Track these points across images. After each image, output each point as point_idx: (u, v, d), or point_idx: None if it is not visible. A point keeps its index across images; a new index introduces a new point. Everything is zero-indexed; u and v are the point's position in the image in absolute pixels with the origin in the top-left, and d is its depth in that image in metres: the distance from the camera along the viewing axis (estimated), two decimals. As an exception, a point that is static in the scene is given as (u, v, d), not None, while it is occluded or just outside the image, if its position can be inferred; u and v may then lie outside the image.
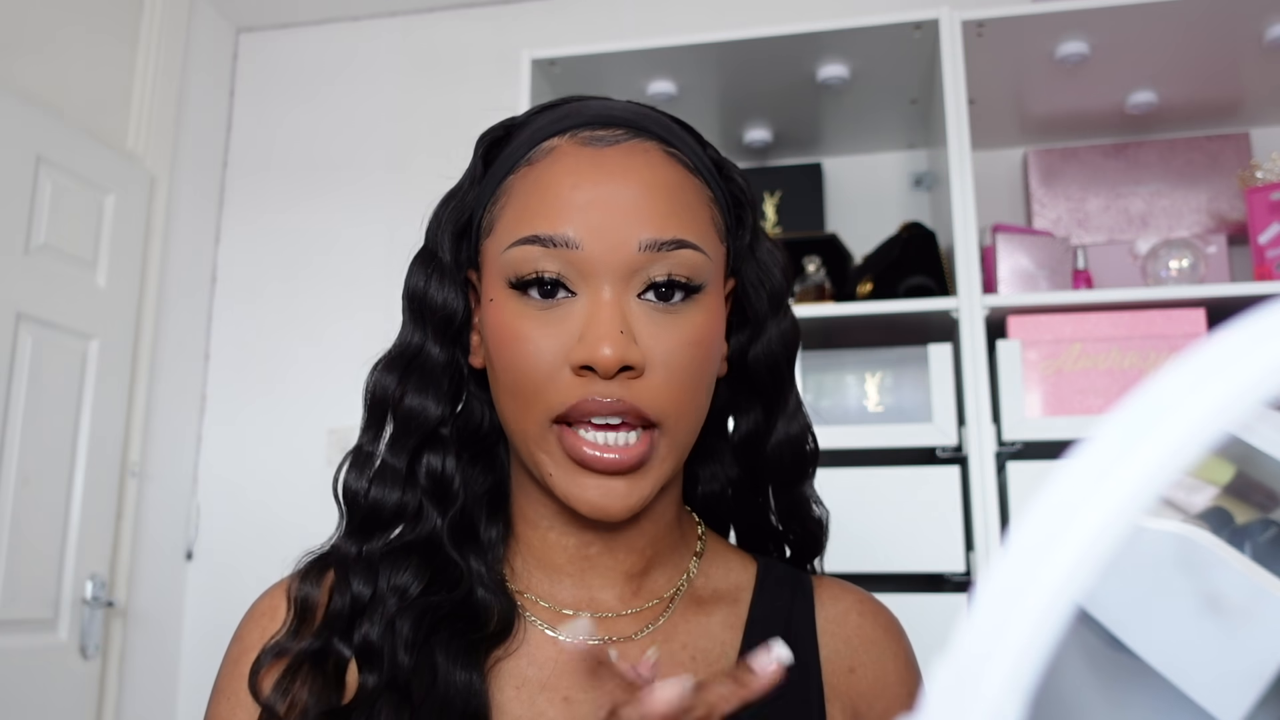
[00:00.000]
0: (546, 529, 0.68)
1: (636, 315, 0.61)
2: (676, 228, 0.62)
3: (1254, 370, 0.20)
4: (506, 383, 0.63)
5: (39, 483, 2.18)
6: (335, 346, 2.61)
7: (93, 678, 2.30)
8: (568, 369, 0.60)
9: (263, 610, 0.69)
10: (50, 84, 2.34)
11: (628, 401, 0.60)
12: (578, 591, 0.68)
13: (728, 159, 0.71)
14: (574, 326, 0.61)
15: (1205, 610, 0.27)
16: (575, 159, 0.63)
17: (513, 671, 0.65)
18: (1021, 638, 0.20)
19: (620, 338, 0.59)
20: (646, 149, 0.64)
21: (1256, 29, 1.81)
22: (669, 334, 0.61)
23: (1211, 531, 0.29)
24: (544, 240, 0.61)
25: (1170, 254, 1.82)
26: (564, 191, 0.62)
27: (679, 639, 0.67)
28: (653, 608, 0.68)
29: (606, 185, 0.62)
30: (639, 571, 0.69)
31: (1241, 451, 0.28)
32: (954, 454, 1.68)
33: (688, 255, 0.62)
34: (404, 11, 2.79)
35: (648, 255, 0.61)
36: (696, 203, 0.65)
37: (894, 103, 2.10)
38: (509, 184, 0.66)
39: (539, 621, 0.67)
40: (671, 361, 0.61)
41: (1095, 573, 0.20)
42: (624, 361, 0.59)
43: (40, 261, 2.24)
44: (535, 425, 0.62)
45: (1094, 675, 0.29)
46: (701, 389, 0.64)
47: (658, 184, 0.63)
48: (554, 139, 0.65)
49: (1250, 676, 0.27)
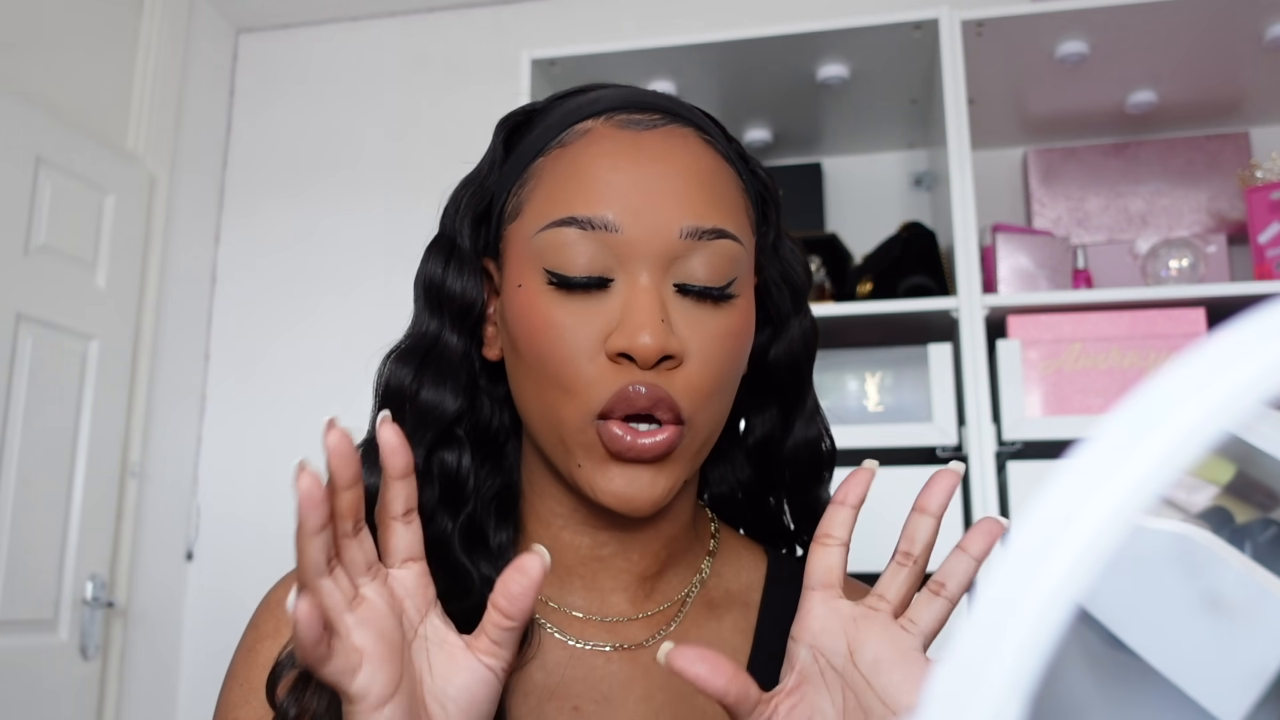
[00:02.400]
0: (560, 529, 0.66)
1: (674, 305, 0.59)
2: (717, 216, 0.60)
3: (1254, 369, 0.20)
4: (539, 373, 0.60)
5: (39, 483, 2.18)
6: (335, 346, 2.61)
7: (93, 678, 2.30)
8: (604, 358, 0.58)
9: (279, 599, 0.67)
10: (50, 84, 2.35)
11: (664, 391, 0.58)
12: (588, 595, 0.66)
13: (753, 155, 0.69)
14: (611, 314, 0.58)
15: (1206, 610, 0.27)
16: (614, 140, 0.61)
17: (521, 678, 0.63)
18: (1021, 638, 0.20)
19: (661, 326, 0.57)
20: (685, 134, 0.62)
21: (1256, 28, 1.81)
22: (705, 326, 0.59)
23: (1212, 531, 0.29)
24: (581, 222, 0.58)
25: (1170, 253, 1.82)
26: (602, 173, 0.59)
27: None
28: (664, 612, 0.66)
29: (647, 168, 0.60)
30: (652, 574, 0.67)
31: (1242, 451, 0.28)
32: (954, 454, 1.68)
33: (727, 245, 0.60)
34: (404, 11, 2.79)
35: (688, 243, 0.59)
36: (733, 192, 0.63)
37: (894, 102, 2.10)
38: (539, 166, 0.63)
39: (549, 625, 0.65)
40: (707, 355, 0.59)
41: (1095, 572, 0.20)
42: (665, 350, 0.57)
43: (40, 262, 2.24)
44: (578, 418, 0.59)
45: (1094, 675, 0.28)
46: (731, 385, 0.62)
47: (699, 170, 0.61)
48: (588, 121, 0.63)
49: (1251, 676, 0.27)
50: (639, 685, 0.63)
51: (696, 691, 0.63)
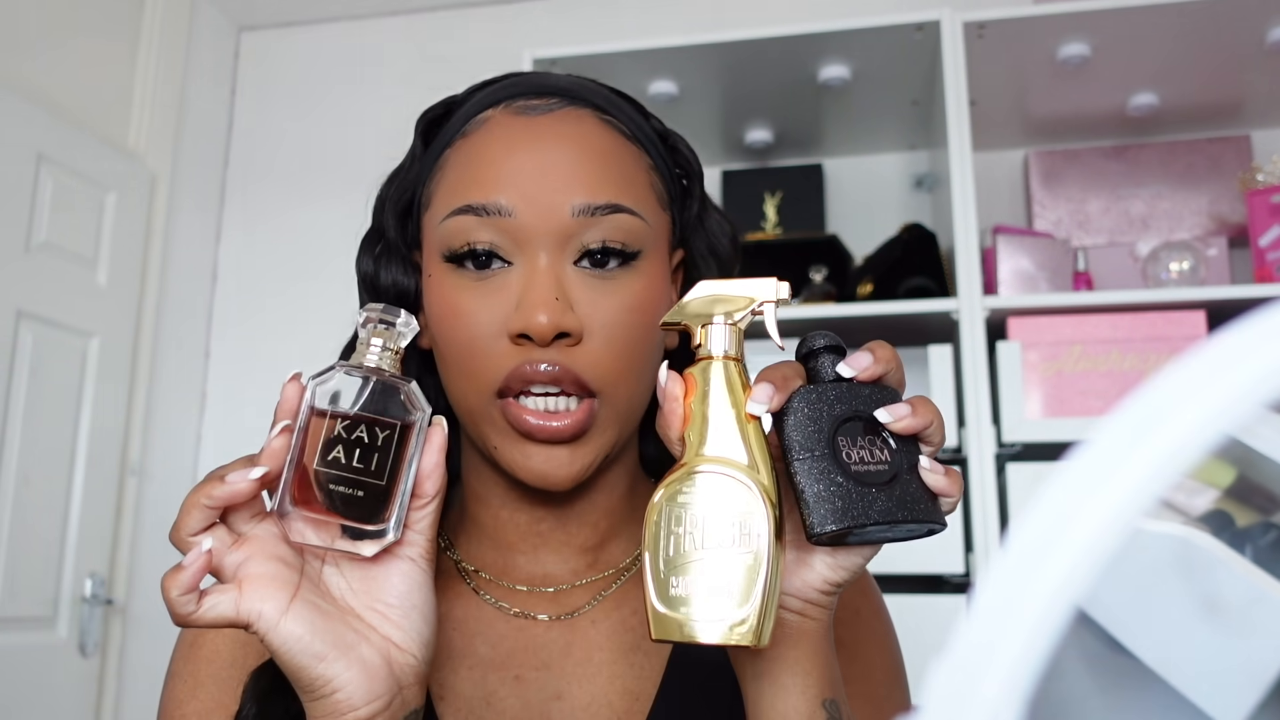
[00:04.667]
0: (499, 507, 0.67)
1: (574, 282, 0.60)
2: (611, 192, 0.61)
3: (1255, 372, 0.20)
4: (449, 357, 0.62)
5: (39, 481, 2.18)
6: (335, 345, 2.60)
7: (92, 676, 2.30)
8: (506, 339, 0.59)
9: None
10: (51, 82, 2.35)
11: (565, 367, 0.59)
12: (531, 568, 0.67)
13: (672, 130, 0.70)
14: (511, 296, 0.60)
15: (1206, 613, 0.27)
16: (508, 128, 0.63)
17: (465, 651, 0.64)
18: (1020, 640, 0.20)
19: (556, 304, 0.58)
20: (580, 116, 0.64)
21: (1257, 31, 1.81)
22: (607, 301, 0.60)
23: (1212, 534, 0.28)
24: (477, 209, 0.60)
25: (1171, 256, 1.82)
26: (496, 159, 0.61)
27: (629, 604, 0.66)
28: (606, 578, 0.68)
29: (538, 152, 0.61)
30: (594, 545, 0.68)
31: (1242, 454, 0.28)
32: (954, 455, 1.68)
33: (623, 220, 0.61)
34: (405, 11, 2.79)
35: (581, 220, 0.60)
36: (633, 168, 0.64)
37: (895, 104, 2.10)
38: (445, 158, 0.65)
39: (492, 599, 0.66)
40: (610, 328, 0.60)
41: (1095, 575, 0.20)
42: (560, 328, 0.58)
43: (41, 259, 2.24)
44: (479, 399, 0.61)
45: (1093, 678, 0.28)
46: (642, 356, 0.63)
47: (591, 149, 0.62)
48: (488, 110, 0.65)
49: (1251, 680, 0.27)
50: (577, 649, 0.65)
51: (635, 645, 0.64)
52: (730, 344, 0.49)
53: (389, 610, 0.51)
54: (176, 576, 0.47)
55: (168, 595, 0.47)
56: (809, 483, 0.46)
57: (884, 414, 0.49)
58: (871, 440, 0.48)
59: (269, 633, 0.48)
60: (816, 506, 0.46)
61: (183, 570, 0.48)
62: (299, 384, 0.50)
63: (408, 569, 0.52)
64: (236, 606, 0.48)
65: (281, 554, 0.50)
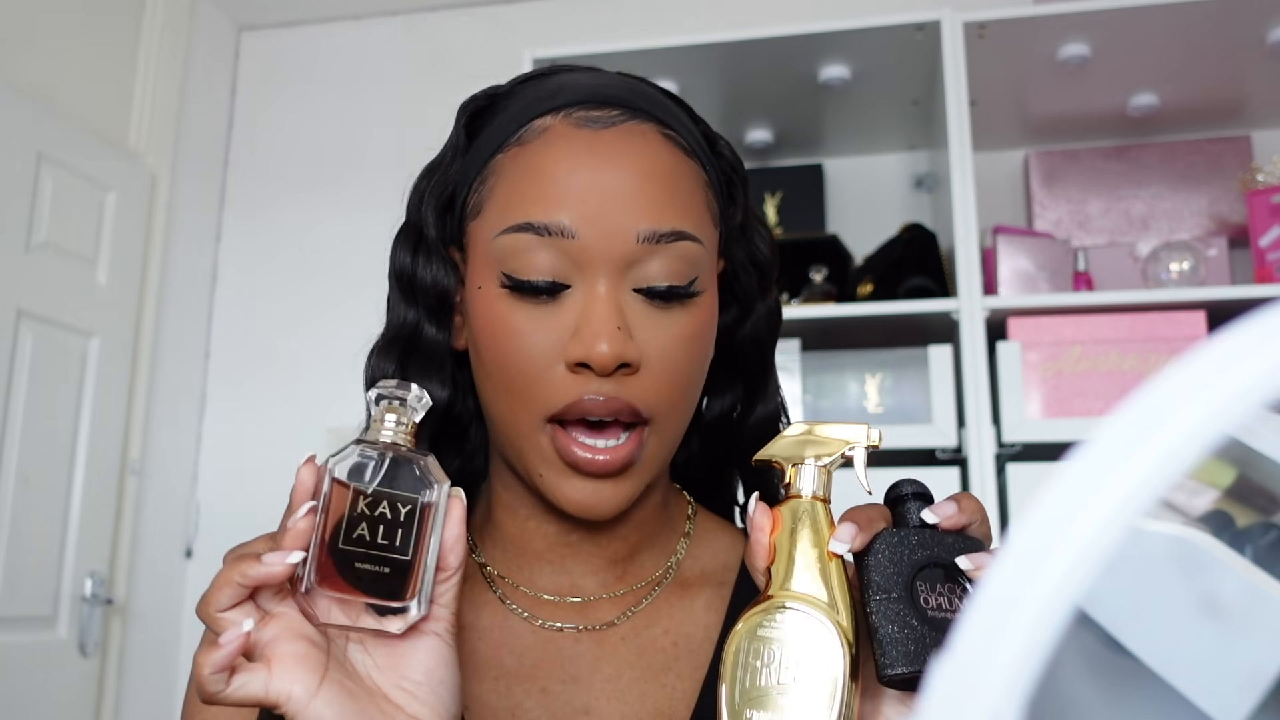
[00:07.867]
0: (526, 517, 0.66)
1: (633, 310, 0.59)
2: (675, 218, 0.59)
3: (1255, 373, 0.20)
4: (496, 376, 0.60)
5: (39, 480, 2.19)
6: (335, 345, 2.61)
7: (92, 675, 2.30)
8: (562, 365, 0.58)
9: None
10: (51, 81, 2.35)
11: (622, 399, 0.58)
12: (558, 578, 0.66)
13: (717, 133, 0.68)
14: (568, 321, 0.58)
15: (1206, 613, 0.27)
16: (570, 142, 0.60)
17: (491, 661, 0.63)
18: (1020, 640, 0.20)
19: (618, 334, 0.57)
20: (644, 131, 0.61)
21: (1258, 31, 1.81)
22: (665, 331, 0.59)
23: (1212, 534, 0.28)
24: (538, 228, 0.58)
25: (1171, 256, 1.82)
26: (559, 176, 0.59)
27: (660, 624, 0.65)
28: (635, 591, 0.66)
29: (604, 171, 0.59)
30: (623, 557, 0.67)
31: (1242, 454, 0.28)
32: (954, 455, 1.68)
33: (685, 247, 0.59)
34: (406, 10, 2.79)
35: (645, 247, 0.58)
36: (693, 189, 0.62)
37: (895, 104, 2.10)
38: (498, 163, 0.62)
39: (518, 609, 0.65)
40: (668, 358, 0.59)
41: (1095, 575, 0.20)
42: (621, 359, 0.57)
43: (41, 259, 2.24)
44: (527, 423, 0.59)
45: (1093, 678, 0.28)
46: (695, 385, 0.63)
47: (656, 171, 0.60)
48: (546, 118, 0.61)
49: (1251, 680, 0.27)
50: (607, 665, 0.64)
51: (667, 667, 0.63)
52: (819, 486, 0.52)
53: (416, 688, 0.51)
54: (211, 654, 0.46)
55: (200, 673, 0.46)
56: (884, 623, 0.48)
57: (964, 561, 0.49)
58: (950, 588, 0.50)
59: (298, 715, 0.48)
60: (890, 648, 0.47)
61: (219, 649, 0.46)
62: (314, 465, 0.50)
63: (434, 644, 0.51)
64: (266, 687, 0.47)
65: (309, 633, 0.49)
